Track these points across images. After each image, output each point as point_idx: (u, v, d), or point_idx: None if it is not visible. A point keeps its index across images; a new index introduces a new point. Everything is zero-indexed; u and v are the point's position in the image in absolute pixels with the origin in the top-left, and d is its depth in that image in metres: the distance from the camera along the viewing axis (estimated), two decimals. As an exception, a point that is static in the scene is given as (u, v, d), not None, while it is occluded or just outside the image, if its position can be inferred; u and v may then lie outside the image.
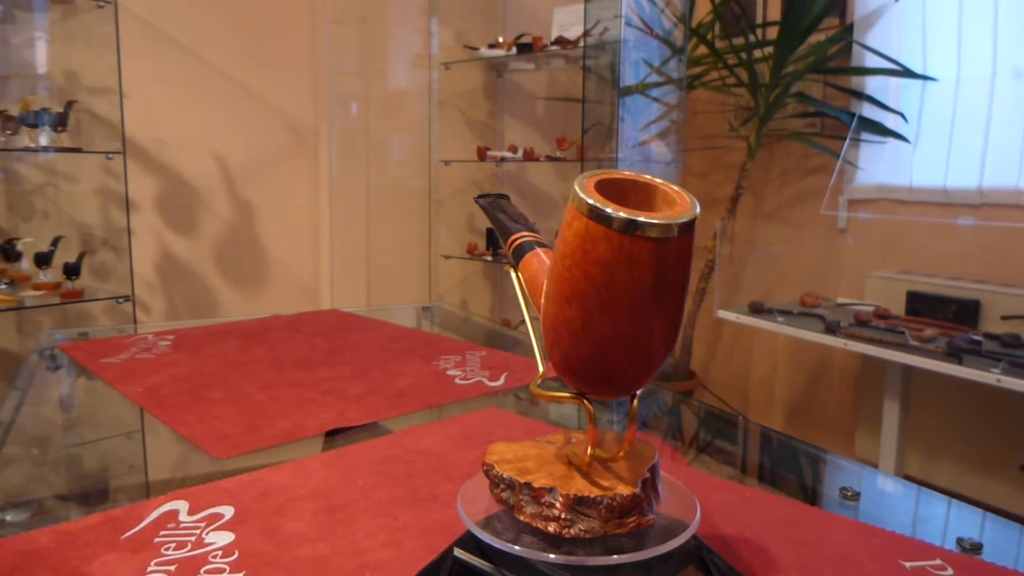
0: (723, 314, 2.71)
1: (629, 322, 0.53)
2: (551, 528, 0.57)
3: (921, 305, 2.54)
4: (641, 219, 0.51)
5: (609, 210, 0.51)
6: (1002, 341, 2.16)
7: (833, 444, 2.99)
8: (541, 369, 0.68)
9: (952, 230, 2.63)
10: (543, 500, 0.58)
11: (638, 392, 0.60)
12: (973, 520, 0.79)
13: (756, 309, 2.64)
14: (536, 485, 0.58)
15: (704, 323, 3.32)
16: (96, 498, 0.90)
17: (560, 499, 0.57)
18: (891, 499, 0.89)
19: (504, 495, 0.61)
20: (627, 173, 0.58)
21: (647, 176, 0.57)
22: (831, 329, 2.36)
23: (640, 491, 0.57)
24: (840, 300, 2.78)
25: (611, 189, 0.55)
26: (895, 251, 2.79)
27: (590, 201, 0.52)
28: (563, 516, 0.57)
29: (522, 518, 0.59)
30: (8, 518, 0.83)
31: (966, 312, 2.43)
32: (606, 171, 0.57)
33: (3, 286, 2.54)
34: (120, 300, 2.67)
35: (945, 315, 2.46)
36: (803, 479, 0.97)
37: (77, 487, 0.94)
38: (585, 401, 0.60)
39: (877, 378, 2.61)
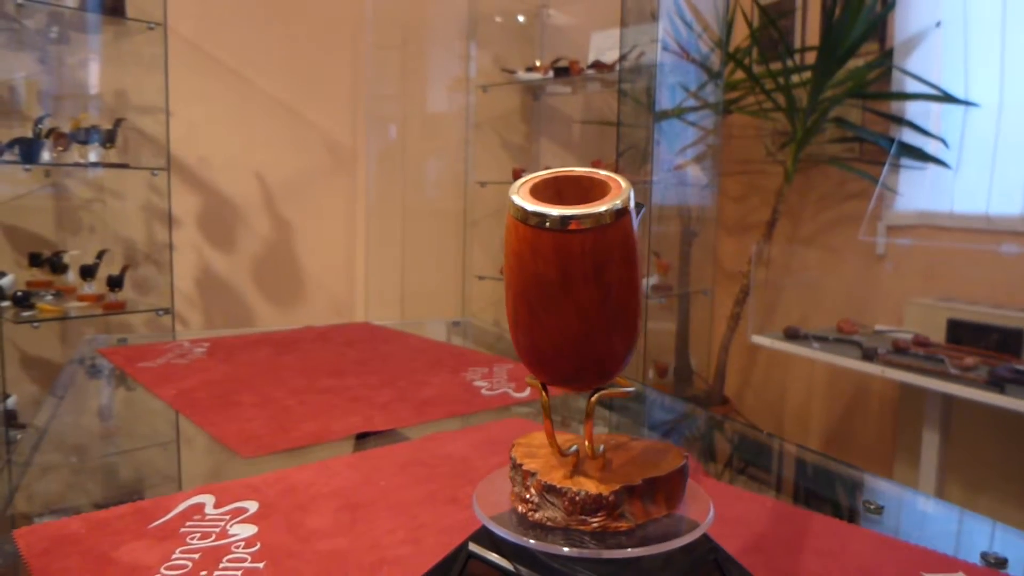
0: (758, 339, 2.68)
1: (543, 310, 0.55)
2: (520, 508, 0.60)
3: (962, 333, 2.49)
4: (536, 210, 0.53)
5: (518, 201, 0.53)
6: (1045, 371, 2.11)
7: (870, 474, 2.93)
8: None
9: (995, 257, 2.58)
10: (526, 482, 0.60)
11: (608, 389, 0.61)
12: (999, 536, 0.77)
13: (791, 335, 2.61)
14: (525, 467, 0.61)
15: (738, 348, 3.28)
16: (127, 494, 0.92)
17: (535, 483, 0.59)
18: (915, 514, 0.87)
19: (511, 474, 0.63)
20: (579, 170, 0.58)
21: (602, 173, 0.58)
22: (868, 356, 2.32)
23: (612, 495, 0.57)
24: (878, 327, 2.74)
25: (572, 187, 0.57)
26: (935, 278, 2.74)
27: (511, 194, 0.55)
28: (532, 499, 0.59)
29: (510, 497, 0.62)
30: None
31: (1009, 341, 2.38)
32: (558, 169, 0.59)
33: (49, 297, 2.61)
34: (160, 312, 2.73)
35: (987, 344, 2.40)
36: (827, 492, 0.95)
37: (110, 485, 0.97)
38: (542, 392, 0.61)
39: (916, 407, 2.55)
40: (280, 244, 3.33)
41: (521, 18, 3.72)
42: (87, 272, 2.63)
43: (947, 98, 2.63)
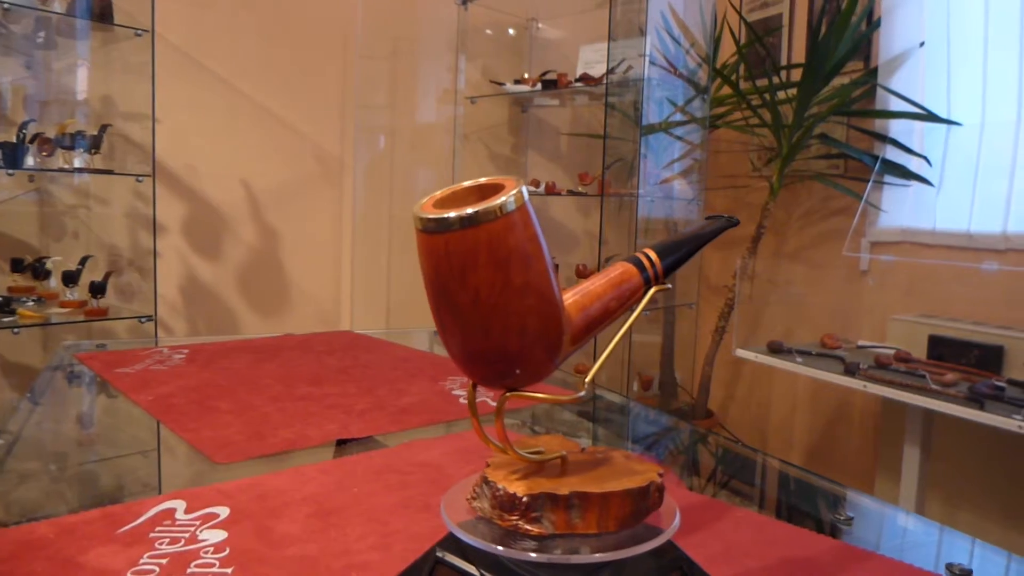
0: (742, 353, 2.69)
1: (437, 309, 0.58)
2: (468, 494, 0.64)
3: (943, 349, 2.50)
4: (415, 212, 0.56)
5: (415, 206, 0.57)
6: (1024, 387, 2.12)
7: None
8: None
9: (976, 275, 2.60)
10: (481, 473, 0.64)
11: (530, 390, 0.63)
12: (965, 547, 0.78)
13: (775, 349, 2.62)
14: (489, 462, 0.65)
15: (723, 362, 3.29)
16: (98, 499, 0.91)
17: (481, 474, 0.64)
18: (884, 525, 0.88)
19: None
20: (495, 179, 0.60)
21: (512, 179, 0.59)
22: (850, 371, 2.33)
23: (528, 498, 0.59)
24: (861, 342, 2.75)
25: (493, 195, 0.58)
26: (918, 294, 2.76)
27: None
28: (476, 489, 0.63)
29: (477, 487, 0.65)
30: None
31: (989, 357, 2.39)
32: (472, 181, 0.61)
33: (31, 303, 2.59)
34: (143, 320, 2.71)
35: (968, 360, 2.42)
36: (801, 504, 0.96)
37: (82, 491, 0.96)
38: (470, 390, 0.65)
39: (897, 422, 2.56)
40: (266, 253, 3.32)
41: (511, 31, 3.74)
42: (69, 278, 2.61)
43: (930, 117, 2.66)
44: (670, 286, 0.72)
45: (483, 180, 0.60)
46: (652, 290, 0.69)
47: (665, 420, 1.44)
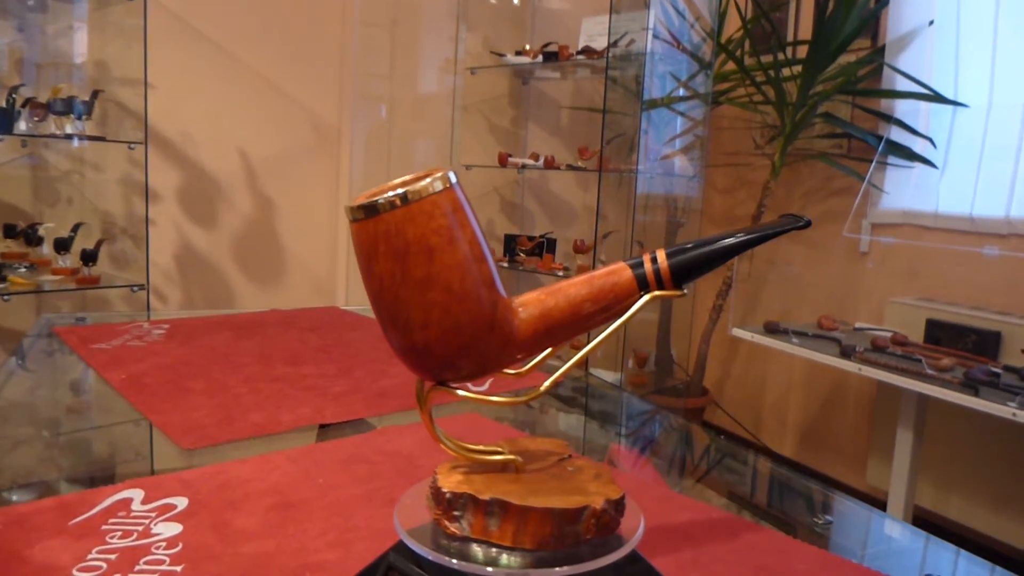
0: (738, 332, 2.67)
1: (369, 294, 0.59)
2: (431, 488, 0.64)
3: (940, 334, 2.48)
4: (349, 203, 0.57)
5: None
6: (1021, 375, 2.09)
7: (845, 471, 2.93)
8: None
9: (977, 259, 2.57)
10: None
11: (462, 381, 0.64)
12: (946, 556, 0.75)
13: (771, 329, 2.60)
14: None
15: (719, 340, 3.27)
16: (53, 484, 0.89)
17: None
18: (865, 530, 0.85)
19: None
20: (431, 169, 0.59)
21: (437, 169, 0.58)
22: (846, 353, 2.31)
23: (451, 495, 0.59)
24: (858, 324, 2.73)
25: None
26: (917, 277, 2.72)
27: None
28: (432, 478, 0.63)
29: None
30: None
31: (986, 343, 2.37)
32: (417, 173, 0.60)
33: (22, 270, 2.57)
34: (135, 288, 2.69)
35: (964, 345, 2.39)
36: (782, 504, 0.93)
37: (35, 474, 0.94)
38: (418, 381, 0.65)
39: (892, 406, 2.55)
40: (262, 223, 3.29)
41: (514, 1, 3.67)
42: (61, 245, 2.59)
43: (937, 98, 2.61)
44: (685, 293, 0.63)
45: (413, 174, 0.59)
46: (648, 296, 0.62)
47: (653, 410, 1.41)
